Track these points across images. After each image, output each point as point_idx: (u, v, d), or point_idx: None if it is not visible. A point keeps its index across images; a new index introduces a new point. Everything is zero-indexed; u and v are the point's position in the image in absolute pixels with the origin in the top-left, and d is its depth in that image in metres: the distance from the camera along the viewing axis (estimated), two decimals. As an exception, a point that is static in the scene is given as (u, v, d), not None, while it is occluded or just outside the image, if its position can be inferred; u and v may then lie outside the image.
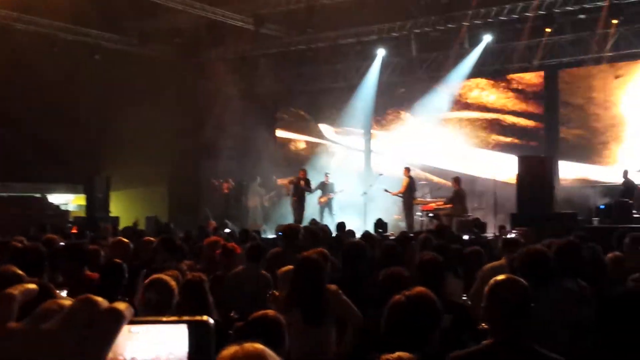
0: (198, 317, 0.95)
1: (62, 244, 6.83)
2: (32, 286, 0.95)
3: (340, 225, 11.76)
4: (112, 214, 17.40)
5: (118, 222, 15.83)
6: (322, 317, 4.79)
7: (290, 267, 6.46)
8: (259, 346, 2.30)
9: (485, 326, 3.63)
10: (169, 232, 10.52)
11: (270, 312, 3.58)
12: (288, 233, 8.28)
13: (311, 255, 5.14)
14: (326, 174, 18.68)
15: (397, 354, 2.57)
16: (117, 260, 5.14)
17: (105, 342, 0.85)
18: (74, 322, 0.86)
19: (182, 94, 19.75)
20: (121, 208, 18.60)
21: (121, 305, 0.88)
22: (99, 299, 0.87)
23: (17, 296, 0.91)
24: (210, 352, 0.93)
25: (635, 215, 13.45)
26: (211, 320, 0.96)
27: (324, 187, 18.48)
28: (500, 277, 3.42)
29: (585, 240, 8.18)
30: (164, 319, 0.97)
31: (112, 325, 0.87)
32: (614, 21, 16.22)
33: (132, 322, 0.92)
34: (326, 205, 18.28)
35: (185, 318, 0.96)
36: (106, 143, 18.58)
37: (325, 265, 5.11)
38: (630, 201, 13.92)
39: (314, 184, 18.23)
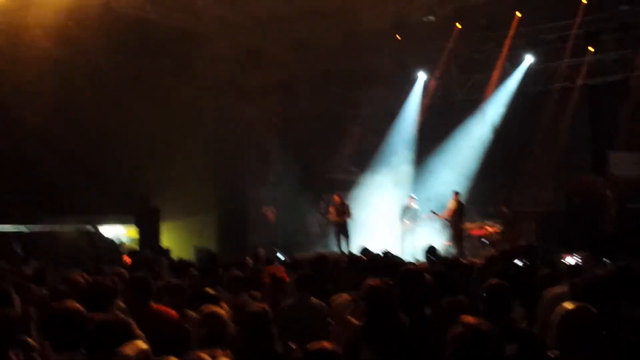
0: None
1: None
2: (145, 346, 1.00)
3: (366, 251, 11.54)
4: (163, 246, 17.54)
5: (169, 254, 15.96)
6: (395, 347, 4.75)
7: (346, 296, 6.47)
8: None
9: (554, 354, 3.58)
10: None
11: (327, 343, 3.57)
12: (317, 262, 8.29)
13: (380, 284, 5.08)
14: (410, 197, 18.55)
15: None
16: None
17: None
18: None
19: (224, 120, 19.88)
20: (171, 239, 18.75)
21: None
22: None
23: (133, 357, 0.96)
24: None
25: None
26: None
27: (408, 211, 18.36)
28: (571, 305, 3.40)
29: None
30: None
31: None
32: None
33: None
34: (409, 230, 18.06)
35: None
36: (154, 173, 18.75)
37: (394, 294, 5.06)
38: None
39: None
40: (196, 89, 18.74)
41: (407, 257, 12.39)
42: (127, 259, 13.07)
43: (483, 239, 16.87)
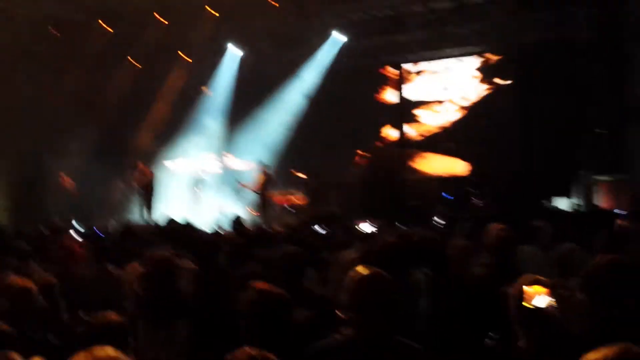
0: None
1: None
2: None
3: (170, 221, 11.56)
4: None
5: None
6: (175, 317, 4.85)
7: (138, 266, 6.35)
8: (111, 351, 2.24)
9: (342, 314, 3.67)
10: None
11: (113, 315, 3.50)
12: (120, 232, 8.19)
13: (161, 255, 5.16)
14: (202, 168, 19.03)
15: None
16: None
17: None
18: None
19: (18, 88, 18.61)
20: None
21: None
22: (17, 356, 0.83)
23: None
24: None
25: (475, 203, 14.35)
26: None
27: (198, 180, 18.57)
28: (364, 270, 3.45)
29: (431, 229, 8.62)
30: None
31: None
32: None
33: None
34: (200, 199, 18.37)
35: None
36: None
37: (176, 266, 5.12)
38: (473, 190, 14.78)
39: None
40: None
41: (209, 226, 12.33)
42: None
43: (288, 208, 17.24)
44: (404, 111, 18.91)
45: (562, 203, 14.87)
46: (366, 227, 7.39)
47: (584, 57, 15.54)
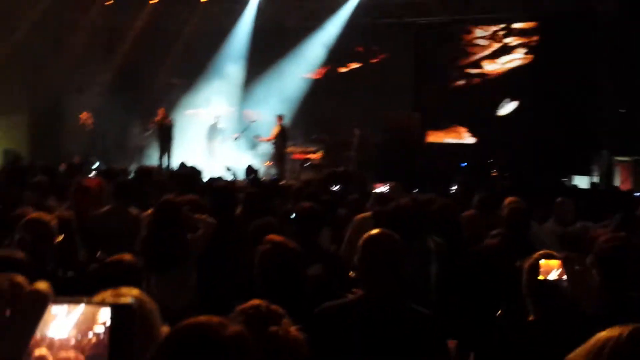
0: (122, 301, 0.94)
1: None
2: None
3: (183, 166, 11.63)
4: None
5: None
6: (179, 260, 4.89)
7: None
8: (137, 292, 2.26)
9: (355, 274, 3.69)
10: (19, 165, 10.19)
11: (127, 256, 3.53)
12: (139, 174, 8.27)
13: (170, 198, 5.21)
14: (216, 116, 18.93)
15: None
16: None
17: (29, 324, 0.83)
18: None
19: (40, 25, 18.56)
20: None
21: (43, 286, 0.85)
22: (22, 279, 0.84)
23: None
24: (132, 335, 0.91)
25: (493, 174, 14.26)
26: (135, 305, 0.94)
27: (214, 130, 18.60)
28: (375, 231, 3.44)
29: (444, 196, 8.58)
30: (87, 300, 0.95)
31: (36, 307, 0.85)
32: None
33: (54, 302, 0.89)
34: (215, 149, 18.40)
35: (110, 301, 0.95)
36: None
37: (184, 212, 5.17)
38: (490, 160, 14.68)
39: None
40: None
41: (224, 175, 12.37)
42: None
43: (305, 163, 17.25)
44: (423, 75, 18.70)
45: (582, 181, 14.78)
46: (382, 189, 7.36)
47: (607, 30, 15.25)
